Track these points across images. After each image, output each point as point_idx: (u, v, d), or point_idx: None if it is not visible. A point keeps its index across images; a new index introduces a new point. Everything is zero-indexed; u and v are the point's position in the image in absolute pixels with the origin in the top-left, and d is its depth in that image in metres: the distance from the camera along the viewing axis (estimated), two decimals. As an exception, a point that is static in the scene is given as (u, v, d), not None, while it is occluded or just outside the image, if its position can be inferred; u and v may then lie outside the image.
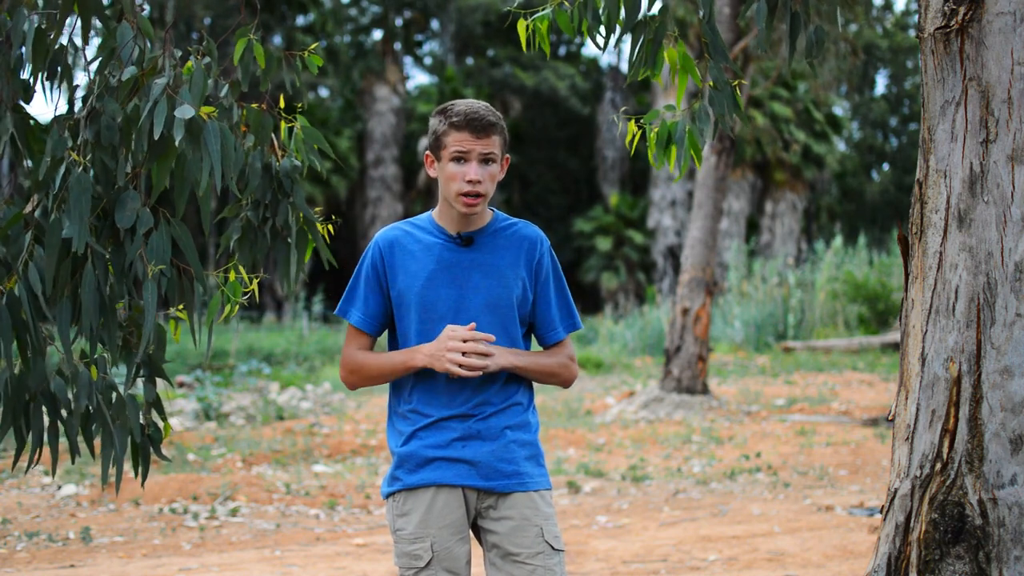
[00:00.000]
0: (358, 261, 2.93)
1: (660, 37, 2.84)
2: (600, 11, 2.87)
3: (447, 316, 2.81)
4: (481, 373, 2.76)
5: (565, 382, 2.95)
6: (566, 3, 2.95)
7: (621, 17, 2.84)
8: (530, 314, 2.91)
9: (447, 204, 2.84)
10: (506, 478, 2.81)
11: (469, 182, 2.76)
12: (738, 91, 2.89)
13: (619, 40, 2.89)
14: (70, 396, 2.56)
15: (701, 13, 2.82)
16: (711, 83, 2.86)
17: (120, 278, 2.50)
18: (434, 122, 2.83)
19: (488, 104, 2.83)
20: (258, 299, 2.78)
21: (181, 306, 2.63)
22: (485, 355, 2.76)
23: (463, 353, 2.74)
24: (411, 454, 2.83)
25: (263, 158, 2.68)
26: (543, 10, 2.97)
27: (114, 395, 2.62)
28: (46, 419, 2.59)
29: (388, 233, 2.90)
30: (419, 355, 2.78)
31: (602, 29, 2.88)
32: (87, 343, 2.52)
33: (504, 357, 2.79)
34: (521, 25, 3.00)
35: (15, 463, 2.62)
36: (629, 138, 3.03)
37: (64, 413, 2.57)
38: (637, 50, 2.86)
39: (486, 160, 2.78)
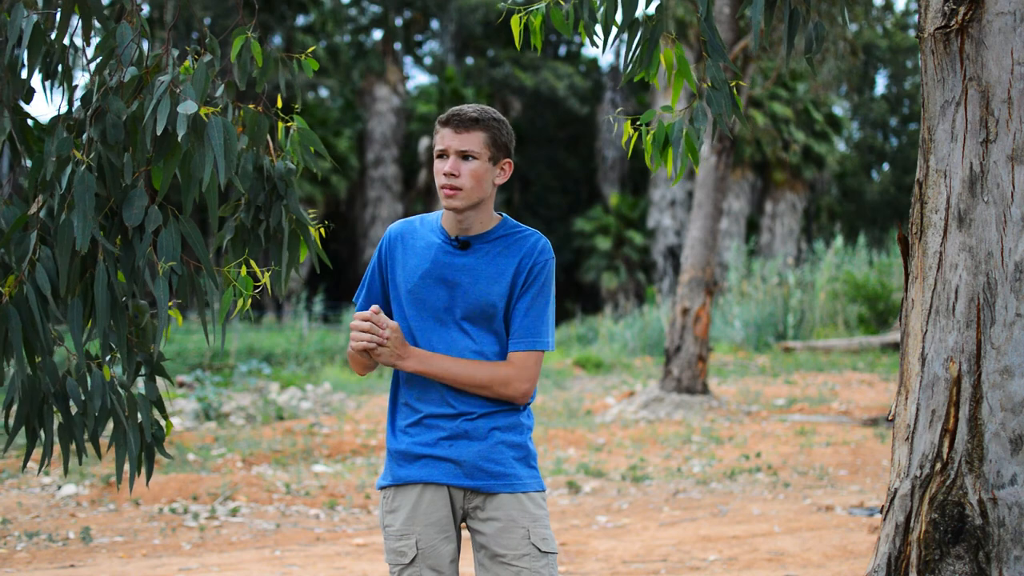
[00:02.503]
0: (359, 261, 2.94)
1: (656, 37, 2.82)
2: (596, 9, 2.85)
3: (437, 315, 2.82)
4: (375, 346, 2.74)
5: (503, 398, 2.81)
6: (562, 1, 2.94)
7: (618, 17, 2.81)
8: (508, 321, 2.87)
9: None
10: (492, 478, 2.80)
11: (445, 175, 2.77)
12: (735, 91, 2.87)
13: (615, 39, 2.86)
14: (82, 396, 2.56)
15: (700, 11, 2.80)
16: (708, 83, 2.84)
17: (130, 277, 2.50)
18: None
19: (485, 107, 2.83)
20: (269, 293, 2.78)
21: (171, 304, 2.63)
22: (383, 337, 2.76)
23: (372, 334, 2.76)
24: (401, 450, 2.84)
25: (256, 159, 2.67)
26: (537, 6, 2.96)
27: (124, 394, 2.62)
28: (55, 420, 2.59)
29: (398, 227, 2.95)
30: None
31: (598, 28, 2.87)
32: (97, 343, 2.52)
33: (412, 360, 2.77)
34: (515, 21, 2.98)
35: (25, 464, 2.62)
36: (625, 139, 3.01)
37: (74, 413, 2.57)
38: (633, 50, 2.84)
39: (465, 156, 2.79)
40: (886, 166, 42.16)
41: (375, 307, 2.78)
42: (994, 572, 2.44)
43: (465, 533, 4.71)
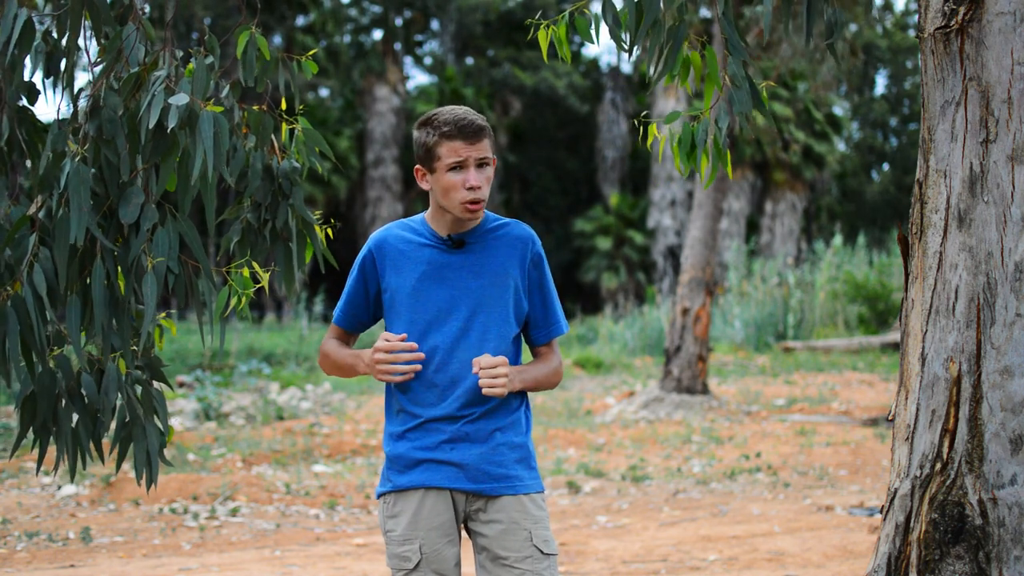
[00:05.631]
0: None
1: (680, 39, 2.80)
2: (620, 15, 2.83)
3: (439, 317, 2.81)
4: (410, 376, 2.78)
5: (554, 386, 3.00)
6: (585, 10, 2.92)
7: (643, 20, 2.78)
8: (527, 314, 2.91)
9: (441, 211, 2.83)
10: (495, 481, 2.80)
11: (470, 189, 2.75)
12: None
13: (638, 43, 2.83)
14: (98, 392, 2.55)
15: (719, 9, 2.77)
16: (729, 79, 2.82)
17: (128, 276, 2.50)
18: (421, 135, 2.80)
19: (468, 108, 2.81)
20: (267, 293, 2.79)
21: (164, 314, 2.63)
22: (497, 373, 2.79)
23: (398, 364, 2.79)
24: (400, 455, 2.83)
25: (264, 159, 2.67)
26: (563, 17, 2.94)
27: (140, 389, 2.62)
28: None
29: (380, 235, 2.90)
30: (360, 363, 2.86)
31: (625, 35, 2.84)
32: (96, 342, 2.51)
33: (515, 380, 2.81)
34: (542, 35, 2.97)
35: (39, 466, 2.62)
36: (650, 142, 3.00)
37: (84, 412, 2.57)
38: (659, 54, 2.81)
39: (481, 164, 2.78)
40: (886, 166, 42.15)
41: (403, 335, 2.79)
42: (994, 572, 2.44)
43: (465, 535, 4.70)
